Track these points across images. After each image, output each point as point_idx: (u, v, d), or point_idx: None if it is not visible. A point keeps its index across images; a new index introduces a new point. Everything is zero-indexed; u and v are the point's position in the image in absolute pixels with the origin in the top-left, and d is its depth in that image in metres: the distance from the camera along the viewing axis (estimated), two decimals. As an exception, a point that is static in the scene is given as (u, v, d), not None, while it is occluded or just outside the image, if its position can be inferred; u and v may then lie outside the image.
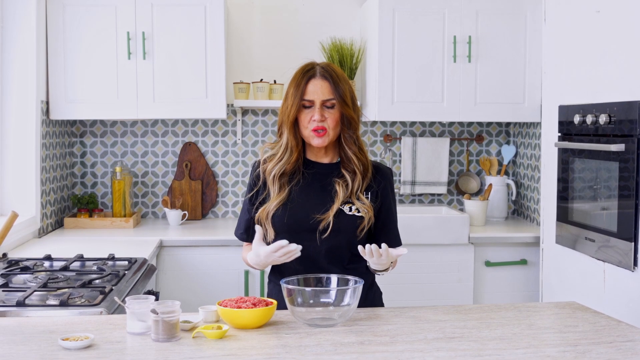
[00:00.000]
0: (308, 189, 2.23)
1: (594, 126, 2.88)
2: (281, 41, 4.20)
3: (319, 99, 2.17)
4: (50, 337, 1.81)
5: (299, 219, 2.19)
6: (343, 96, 2.18)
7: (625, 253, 2.66)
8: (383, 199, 2.27)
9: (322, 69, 2.20)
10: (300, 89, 2.17)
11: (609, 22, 2.80)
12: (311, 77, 2.19)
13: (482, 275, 3.71)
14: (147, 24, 3.74)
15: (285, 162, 2.21)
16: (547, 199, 3.35)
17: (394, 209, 2.33)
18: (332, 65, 2.24)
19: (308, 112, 2.18)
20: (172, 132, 4.22)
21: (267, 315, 1.91)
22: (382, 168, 2.32)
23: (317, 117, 2.16)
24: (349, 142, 2.23)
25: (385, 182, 2.29)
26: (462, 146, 4.37)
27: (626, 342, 1.81)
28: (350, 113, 2.20)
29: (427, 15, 3.83)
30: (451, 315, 2.05)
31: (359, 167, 2.22)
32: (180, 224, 4.00)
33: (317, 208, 2.20)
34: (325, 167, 2.27)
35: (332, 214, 2.17)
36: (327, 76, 2.18)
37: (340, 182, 2.21)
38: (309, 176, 2.25)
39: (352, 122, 2.22)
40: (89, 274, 2.64)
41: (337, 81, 2.19)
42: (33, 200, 3.48)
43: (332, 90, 2.18)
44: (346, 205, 2.20)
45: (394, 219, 2.33)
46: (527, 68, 3.90)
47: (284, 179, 2.23)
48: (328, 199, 2.21)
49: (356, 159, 2.22)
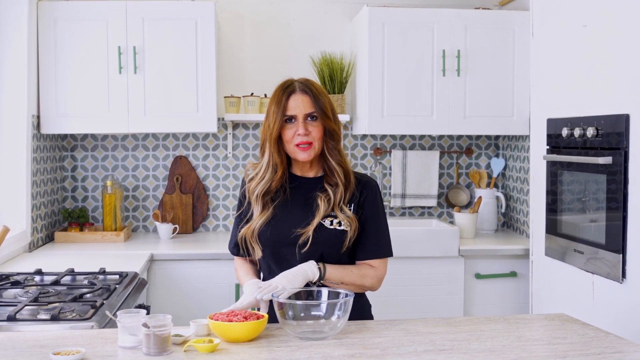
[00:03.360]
0: (291, 204, 2.25)
1: (582, 139, 2.91)
2: (272, 55, 4.22)
3: (301, 113, 2.19)
4: (41, 351, 1.81)
5: (281, 234, 2.21)
6: (324, 109, 2.21)
7: (614, 265, 2.68)
8: (367, 209, 2.27)
9: (302, 84, 2.22)
10: (282, 105, 2.19)
11: (596, 36, 2.83)
12: (291, 92, 2.20)
13: (472, 288, 3.73)
14: (138, 39, 3.75)
15: (267, 180, 2.23)
16: (536, 212, 3.37)
17: (382, 218, 2.31)
18: (310, 80, 2.27)
19: (291, 127, 2.20)
20: (163, 145, 4.22)
21: (258, 328, 1.91)
22: (367, 180, 2.32)
23: (302, 131, 2.18)
24: (333, 153, 2.24)
25: (369, 193, 2.29)
26: (451, 159, 4.40)
27: (614, 354, 1.82)
28: (332, 125, 2.22)
29: (417, 30, 3.87)
30: (441, 327, 2.06)
31: (341, 178, 2.24)
32: (171, 237, 4.00)
33: (299, 223, 2.21)
34: (309, 182, 2.28)
35: (312, 229, 2.18)
36: (307, 90, 2.21)
37: (322, 196, 2.23)
38: (293, 191, 2.27)
39: (334, 134, 2.24)
40: (80, 288, 2.64)
41: (317, 94, 2.21)
42: (24, 215, 3.47)
43: (313, 103, 2.20)
44: (327, 219, 2.21)
45: (381, 229, 2.31)
46: (515, 82, 3.93)
47: (267, 197, 2.24)
48: (309, 214, 2.22)
49: (340, 169, 2.24)
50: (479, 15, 3.91)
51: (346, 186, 2.25)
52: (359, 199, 2.27)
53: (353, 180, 2.28)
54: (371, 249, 2.29)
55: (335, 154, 2.25)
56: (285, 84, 2.25)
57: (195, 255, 3.58)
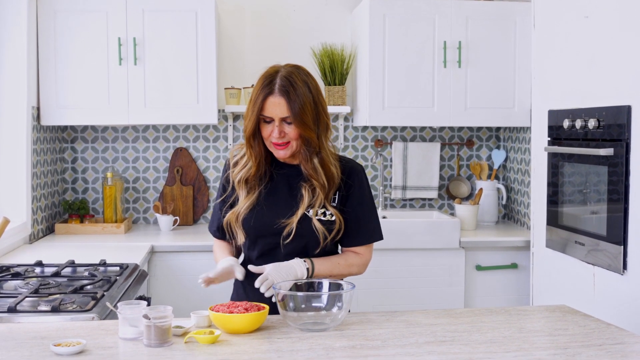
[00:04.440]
0: (276, 192, 2.22)
1: (583, 131, 2.90)
2: (272, 47, 4.21)
3: (277, 117, 2.11)
4: (42, 342, 1.81)
5: (265, 223, 2.19)
6: (301, 114, 2.09)
7: (615, 256, 2.68)
8: (353, 197, 2.23)
9: (282, 85, 2.10)
10: (258, 106, 2.12)
11: (598, 28, 2.82)
12: (268, 94, 2.10)
13: (473, 279, 3.73)
14: (138, 30, 3.74)
15: (250, 167, 2.20)
16: (537, 203, 3.37)
17: (369, 204, 2.27)
18: (295, 76, 2.13)
19: (269, 126, 2.14)
20: (164, 137, 4.22)
21: (259, 320, 1.91)
22: (352, 166, 2.26)
23: (276, 135, 2.12)
24: (305, 160, 2.17)
25: (355, 180, 2.24)
26: (452, 151, 4.39)
27: (615, 345, 1.82)
28: (309, 133, 2.12)
29: (418, 21, 3.86)
30: (442, 319, 2.06)
31: (318, 184, 2.17)
32: (171, 229, 4.00)
33: (283, 213, 2.19)
34: (294, 169, 2.24)
35: (296, 220, 2.16)
36: (285, 93, 2.09)
37: (306, 186, 2.19)
38: (278, 177, 2.24)
39: (310, 141, 2.14)
40: (80, 280, 2.64)
41: (295, 98, 2.09)
42: (24, 206, 3.47)
43: (289, 108, 2.09)
44: (311, 210, 2.18)
45: (367, 216, 2.27)
46: (516, 73, 3.93)
47: (251, 183, 2.21)
48: (293, 204, 2.19)
49: (315, 176, 2.16)
50: (480, 6, 3.90)
51: (328, 187, 2.18)
52: (344, 188, 2.23)
53: (338, 176, 2.21)
54: (357, 236, 2.26)
55: (308, 162, 2.16)
56: (267, 77, 2.13)
57: (196, 247, 3.58)
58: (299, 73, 2.15)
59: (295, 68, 2.17)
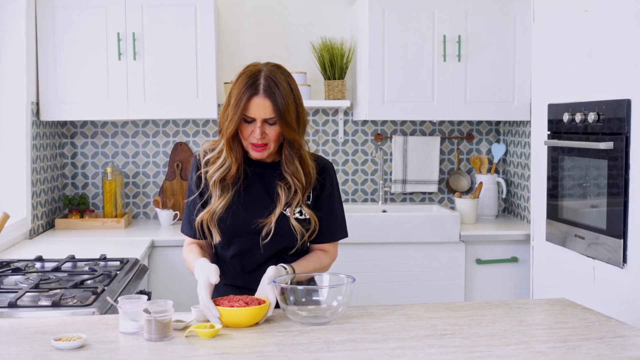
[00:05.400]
0: (251, 191, 2.19)
1: (583, 124, 2.90)
2: (271, 41, 4.20)
3: (260, 118, 2.07)
4: (42, 337, 1.81)
5: (241, 222, 2.16)
6: (285, 115, 2.07)
7: (615, 250, 2.68)
8: (324, 195, 2.23)
9: (266, 84, 2.06)
10: (241, 106, 2.06)
11: (597, 21, 2.82)
12: (253, 94, 2.06)
13: (473, 273, 3.73)
14: (137, 25, 3.73)
15: (226, 168, 2.15)
16: (537, 197, 3.37)
17: (337, 202, 2.28)
18: (277, 75, 2.10)
19: (249, 126, 2.10)
20: (163, 132, 4.22)
21: (260, 313, 1.91)
22: (323, 164, 2.25)
23: (258, 135, 2.08)
24: (289, 160, 2.15)
25: (326, 178, 2.24)
26: (452, 145, 4.39)
27: (616, 338, 1.82)
28: (293, 134, 2.10)
29: (417, 15, 3.85)
30: (442, 312, 2.06)
31: (298, 184, 2.16)
32: (171, 224, 4.00)
33: (260, 212, 2.16)
34: (268, 167, 2.21)
35: (274, 219, 2.14)
36: (270, 94, 2.06)
37: (282, 184, 2.17)
38: (252, 176, 2.20)
39: (294, 142, 2.13)
40: (80, 275, 2.64)
41: (281, 99, 2.06)
42: (24, 202, 3.47)
43: (274, 109, 2.06)
44: (288, 208, 2.16)
45: (336, 213, 2.27)
46: (516, 67, 3.92)
47: (226, 182, 2.17)
48: (270, 203, 2.17)
49: (296, 177, 2.15)
50: (479, 0, 3.89)
51: (305, 188, 2.18)
52: (318, 188, 2.23)
53: (314, 175, 2.20)
54: (325, 234, 2.25)
55: (291, 162, 2.15)
56: (250, 77, 2.09)
57: (196, 242, 3.58)
58: (282, 73, 2.13)
59: (277, 67, 2.15)
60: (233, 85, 2.13)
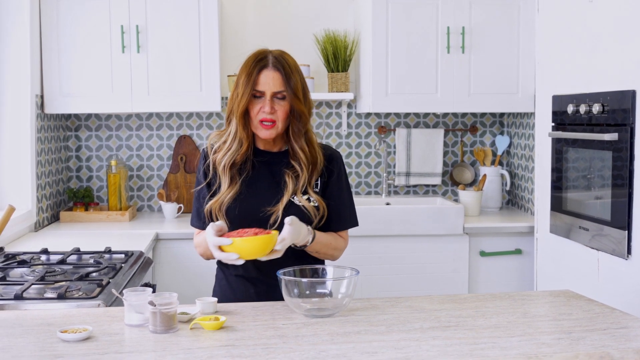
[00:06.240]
0: (258, 180, 2.21)
1: (588, 116, 2.89)
2: (275, 34, 4.20)
3: (269, 91, 2.13)
4: (48, 329, 1.82)
5: (249, 211, 2.17)
6: (295, 89, 2.14)
7: (619, 241, 2.68)
8: (334, 184, 2.26)
9: (275, 59, 2.14)
10: (252, 79, 2.12)
11: (602, 12, 2.81)
12: (263, 67, 2.13)
13: (477, 265, 3.73)
14: (141, 17, 3.73)
15: (234, 151, 2.18)
16: (541, 189, 3.37)
17: (348, 190, 2.31)
18: (285, 54, 2.19)
19: (258, 103, 2.15)
20: (167, 125, 4.22)
21: (271, 242, 1.97)
22: (331, 153, 2.29)
23: (267, 109, 2.13)
24: (297, 135, 2.19)
25: (334, 167, 2.26)
26: (456, 137, 4.39)
27: (620, 329, 1.82)
28: (301, 107, 2.16)
29: (421, 7, 3.84)
30: (447, 304, 2.07)
31: (305, 161, 2.19)
32: (176, 217, 4.01)
33: (268, 200, 2.18)
34: (274, 156, 2.24)
35: (282, 207, 2.15)
36: (280, 67, 2.13)
37: (289, 172, 2.19)
38: (259, 165, 2.22)
39: (302, 115, 2.18)
40: (86, 267, 2.65)
41: (290, 73, 2.14)
42: (29, 194, 3.48)
43: (284, 82, 2.13)
44: (296, 197, 2.18)
45: (347, 201, 2.30)
46: (520, 58, 3.91)
47: (234, 170, 2.19)
48: (278, 191, 2.19)
49: (303, 153, 2.19)
50: (483, -9, 3.88)
51: (312, 169, 2.21)
52: (326, 175, 2.25)
53: (321, 160, 2.23)
54: (334, 222, 2.26)
55: (299, 137, 2.19)
56: (258, 55, 2.16)
57: (200, 234, 3.59)
58: (288, 55, 2.21)
59: (282, 51, 2.22)
60: (240, 69, 2.18)
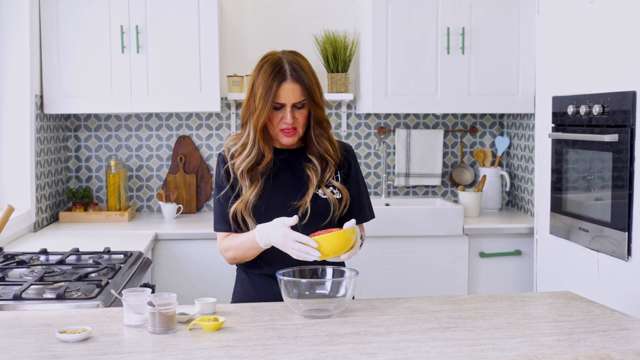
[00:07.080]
0: (280, 176, 2.22)
1: (588, 117, 2.89)
2: (275, 34, 4.19)
3: (290, 102, 2.13)
4: (47, 330, 1.82)
5: (276, 208, 2.17)
6: (313, 96, 2.15)
7: (619, 243, 2.67)
8: (352, 176, 2.28)
9: (293, 70, 2.13)
10: (272, 93, 2.11)
11: (602, 13, 2.81)
12: (282, 80, 2.12)
13: (476, 266, 3.73)
14: (141, 18, 3.73)
15: (253, 157, 2.18)
16: (541, 190, 3.37)
17: (364, 183, 2.34)
18: (299, 59, 2.18)
19: (278, 113, 2.15)
20: (167, 125, 4.22)
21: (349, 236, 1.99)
22: (345, 146, 2.32)
23: (289, 120, 2.13)
24: (320, 140, 2.21)
25: (351, 159, 2.30)
26: (456, 138, 4.38)
27: (620, 331, 1.82)
28: (321, 114, 2.19)
29: (421, 7, 3.84)
30: (446, 305, 2.06)
31: (331, 160, 2.22)
32: (175, 217, 4.00)
33: (293, 195, 2.19)
34: (292, 152, 2.26)
35: (308, 199, 2.17)
36: (299, 79, 2.13)
37: (310, 166, 2.22)
38: (279, 163, 2.24)
39: (323, 121, 2.21)
40: (85, 268, 2.64)
41: (309, 83, 2.15)
42: (28, 195, 3.48)
43: (303, 93, 2.14)
44: (320, 189, 2.20)
45: (364, 193, 2.33)
46: (520, 59, 3.91)
47: (254, 172, 2.20)
48: (302, 185, 2.21)
49: (328, 156, 2.22)
50: (483, -8, 3.88)
51: (334, 163, 2.24)
52: (345, 166, 2.28)
53: (338, 154, 2.26)
54: (359, 214, 2.28)
55: (322, 141, 2.22)
56: (274, 65, 2.14)
57: (200, 235, 3.59)
58: (301, 58, 2.20)
59: (295, 53, 2.21)
60: (255, 75, 2.17)
